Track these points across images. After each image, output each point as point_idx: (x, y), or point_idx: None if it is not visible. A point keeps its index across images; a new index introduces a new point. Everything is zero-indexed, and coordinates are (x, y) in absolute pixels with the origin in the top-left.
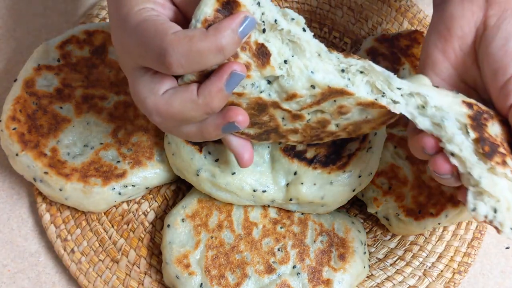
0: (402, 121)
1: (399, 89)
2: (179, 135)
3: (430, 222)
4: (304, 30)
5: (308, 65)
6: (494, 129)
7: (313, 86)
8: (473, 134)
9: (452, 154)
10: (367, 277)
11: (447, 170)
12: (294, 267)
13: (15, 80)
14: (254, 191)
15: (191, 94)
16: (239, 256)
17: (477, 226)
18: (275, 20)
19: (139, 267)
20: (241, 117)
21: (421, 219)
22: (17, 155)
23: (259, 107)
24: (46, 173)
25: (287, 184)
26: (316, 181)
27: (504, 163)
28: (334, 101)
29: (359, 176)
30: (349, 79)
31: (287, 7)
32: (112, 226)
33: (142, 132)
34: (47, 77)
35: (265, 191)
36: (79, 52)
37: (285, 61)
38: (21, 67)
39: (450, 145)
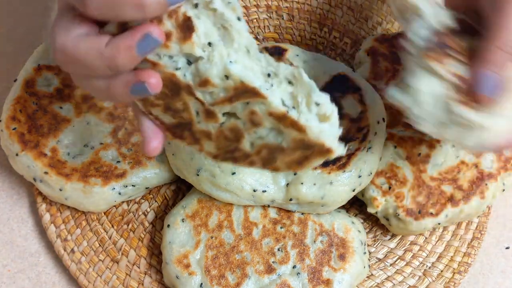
0: (402, 121)
1: (317, 105)
2: (87, 88)
3: (430, 222)
4: (239, 19)
5: (232, 55)
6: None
7: (227, 77)
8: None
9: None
10: (367, 277)
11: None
12: (294, 267)
13: (15, 80)
14: (254, 191)
15: (99, 43)
16: (239, 256)
17: (477, 226)
18: None
19: (139, 267)
20: (154, 80)
21: (421, 219)
22: (17, 155)
23: (173, 87)
24: (46, 173)
25: (287, 184)
26: (316, 181)
27: (444, 61)
28: (247, 103)
29: (359, 176)
30: (271, 85)
31: (287, 7)
32: (112, 226)
33: None
34: (47, 77)
35: (265, 191)
36: None
37: (209, 44)
38: (21, 67)
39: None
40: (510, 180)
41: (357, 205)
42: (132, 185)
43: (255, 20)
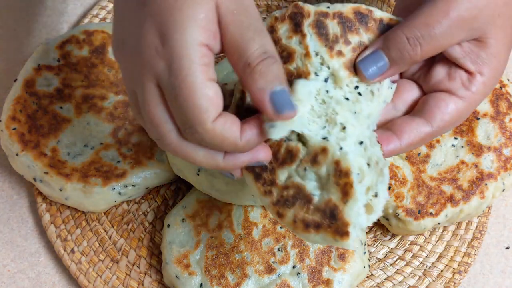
0: None
1: (375, 196)
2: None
3: (429, 222)
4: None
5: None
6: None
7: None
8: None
9: None
10: (367, 277)
11: None
12: (294, 267)
13: (15, 80)
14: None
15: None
16: (239, 256)
17: (477, 226)
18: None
19: (139, 267)
20: (267, 155)
21: (420, 219)
22: (17, 155)
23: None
24: (46, 173)
25: None
26: None
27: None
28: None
29: None
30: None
31: (286, 7)
32: (112, 226)
33: (142, 132)
34: (47, 77)
35: None
36: (79, 52)
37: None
38: (21, 67)
39: None
40: (510, 180)
41: None
42: (132, 185)
43: None
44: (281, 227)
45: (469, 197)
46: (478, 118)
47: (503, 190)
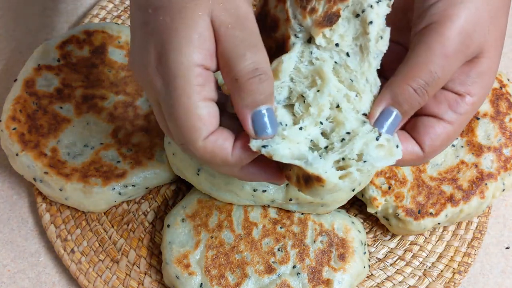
0: None
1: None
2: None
3: (429, 222)
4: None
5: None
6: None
7: None
8: None
9: None
10: (367, 277)
11: None
12: (294, 267)
13: (15, 80)
14: (254, 190)
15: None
16: (239, 256)
17: (477, 226)
18: None
19: (139, 267)
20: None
21: (420, 219)
22: (17, 155)
23: None
24: (46, 173)
25: (287, 184)
26: None
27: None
28: None
29: None
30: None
31: None
32: (112, 226)
33: (142, 132)
34: (47, 77)
35: (265, 191)
36: (79, 52)
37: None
38: (21, 67)
39: None
40: (510, 180)
41: (357, 205)
42: (132, 185)
43: None
44: (281, 227)
45: (469, 197)
46: (478, 118)
47: (503, 190)
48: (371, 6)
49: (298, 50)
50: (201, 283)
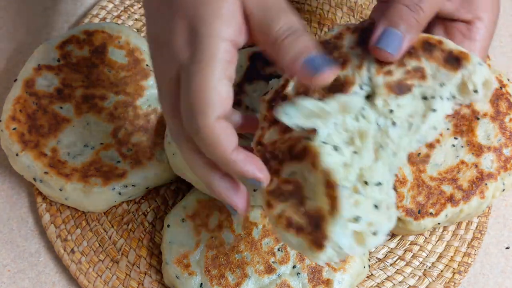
0: None
1: (373, 233)
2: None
3: (429, 222)
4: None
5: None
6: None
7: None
8: None
9: None
10: (367, 277)
11: None
12: (294, 267)
13: (15, 80)
14: (254, 190)
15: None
16: (239, 256)
17: (477, 226)
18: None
19: (139, 267)
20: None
21: (420, 219)
22: (17, 155)
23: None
24: (46, 173)
25: None
26: None
27: None
28: None
29: None
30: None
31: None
32: (112, 226)
33: (142, 132)
34: (47, 77)
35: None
36: (79, 52)
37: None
38: (21, 67)
39: None
40: (510, 180)
41: None
42: (132, 185)
43: None
44: None
45: (469, 197)
46: (478, 118)
47: (503, 190)
48: (441, 98)
49: (360, 102)
50: (201, 283)
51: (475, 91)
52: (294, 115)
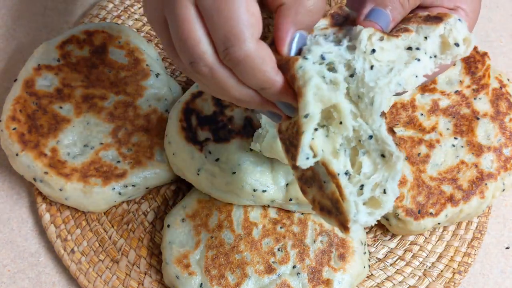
0: (402, 120)
1: (384, 192)
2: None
3: (429, 222)
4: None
5: None
6: None
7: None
8: None
9: None
10: (367, 277)
11: None
12: (294, 267)
13: (15, 80)
14: (254, 190)
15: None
16: (239, 256)
17: (477, 226)
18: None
19: (139, 267)
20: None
21: (420, 219)
22: (17, 155)
23: None
24: (46, 173)
25: (287, 184)
26: None
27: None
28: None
29: None
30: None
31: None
32: (112, 226)
33: (142, 132)
34: (47, 77)
35: (265, 191)
36: (79, 52)
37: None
38: (21, 67)
39: None
40: (510, 180)
41: None
42: (132, 185)
43: None
44: (281, 227)
45: (469, 197)
46: (478, 118)
47: (503, 190)
48: (425, 52)
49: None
50: (201, 283)
51: (456, 44)
52: None
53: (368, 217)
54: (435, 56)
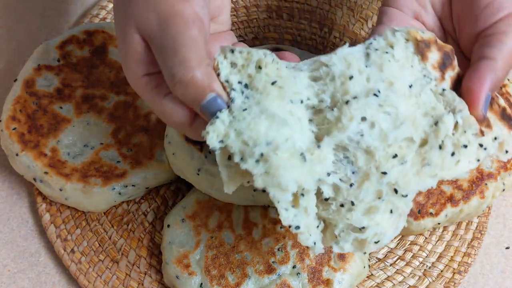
0: None
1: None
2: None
3: (429, 222)
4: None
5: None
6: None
7: None
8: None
9: None
10: (367, 277)
11: None
12: (294, 267)
13: (15, 80)
14: (254, 190)
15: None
16: (239, 256)
17: (477, 226)
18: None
19: (139, 267)
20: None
21: (420, 219)
22: (17, 155)
23: None
24: (46, 173)
25: None
26: None
27: None
28: None
29: None
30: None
31: (286, 7)
32: (112, 226)
33: (142, 133)
34: (47, 77)
35: (264, 190)
36: (79, 52)
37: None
38: (21, 67)
39: None
40: (510, 180)
41: None
42: (132, 185)
43: (255, 20)
44: (281, 227)
45: (469, 197)
46: None
47: (503, 190)
48: (485, 149)
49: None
50: (201, 283)
51: (507, 151)
52: None
53: (348, 248)
54: (485, 149)
